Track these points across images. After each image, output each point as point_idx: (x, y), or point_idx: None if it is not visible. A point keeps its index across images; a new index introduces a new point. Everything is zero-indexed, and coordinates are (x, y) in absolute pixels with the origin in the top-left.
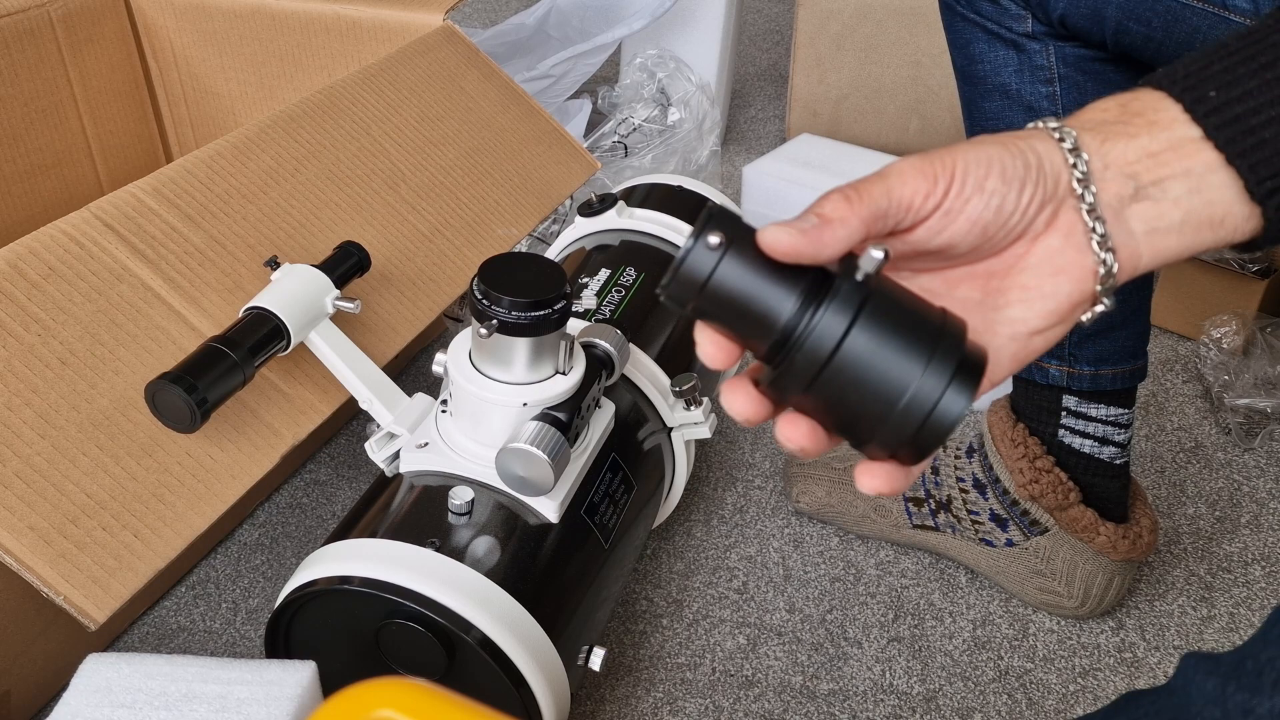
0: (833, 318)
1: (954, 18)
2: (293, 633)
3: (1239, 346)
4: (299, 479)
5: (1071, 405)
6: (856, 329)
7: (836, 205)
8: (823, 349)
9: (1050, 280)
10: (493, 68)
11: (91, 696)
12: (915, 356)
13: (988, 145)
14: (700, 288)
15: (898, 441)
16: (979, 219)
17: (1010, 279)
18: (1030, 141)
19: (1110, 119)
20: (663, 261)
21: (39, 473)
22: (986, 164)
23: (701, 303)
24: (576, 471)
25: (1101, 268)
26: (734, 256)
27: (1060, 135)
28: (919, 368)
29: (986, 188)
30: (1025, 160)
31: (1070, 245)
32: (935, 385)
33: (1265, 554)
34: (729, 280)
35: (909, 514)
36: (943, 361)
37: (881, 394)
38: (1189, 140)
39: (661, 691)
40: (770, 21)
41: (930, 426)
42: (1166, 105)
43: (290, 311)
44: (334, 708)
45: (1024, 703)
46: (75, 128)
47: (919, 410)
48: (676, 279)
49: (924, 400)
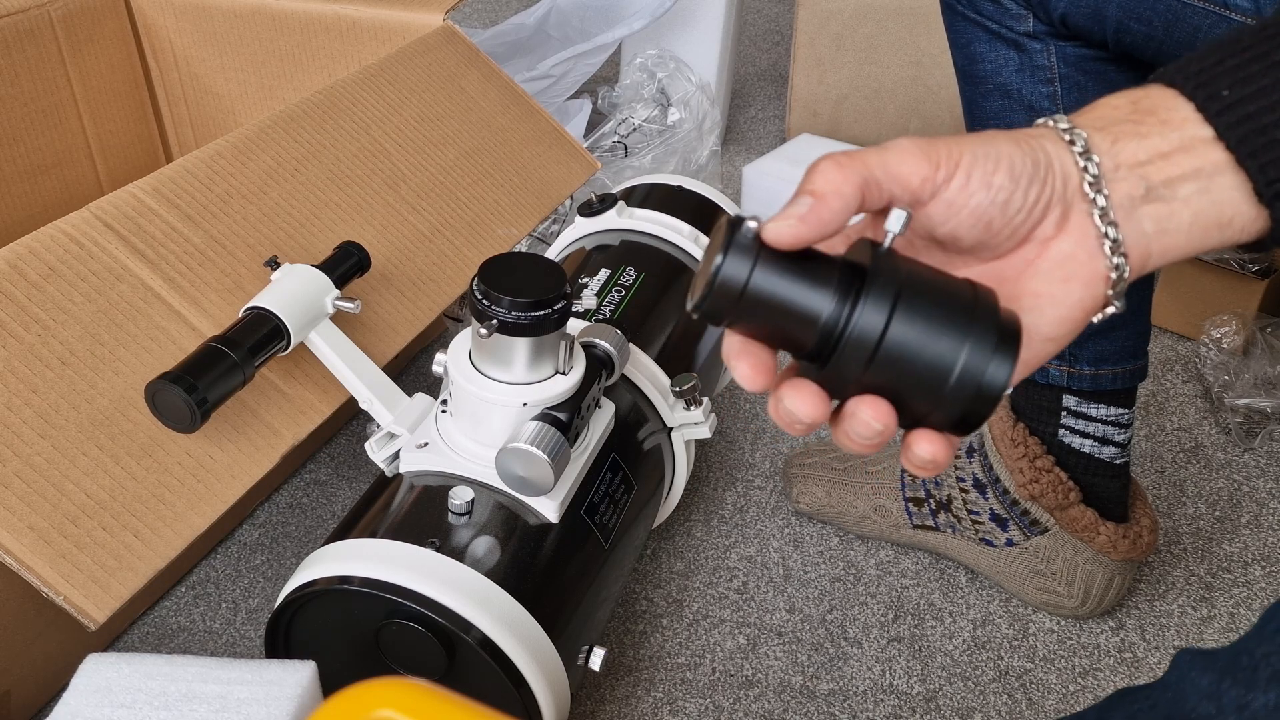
0: (875, 303)
1: (955, 17)
2: (293, 633)
3: (1239, 346)
4: (299, 479)
5: (1072, 405)
6: (898, 315)
7: (828, 174)
8: (870, 337)
9: (1061, 287)
10: (493, 68)
11: (91, 696)
12: (957, 332)
13: (998, 141)
14: (738, 298)
15: (952, 418)
16: (984, 214)
17: (1021, 285)
18: (1040, 141)
19: (1121, 116)
20: (663, 261)
21: (39, 473)
22: (995, 159)
23: (741, 311)
24: (576, 471)
25: (1114, 272)
26: (766, 260)
27: (1070, 137)
28: (963, 343)
29: (993, 183)
30: (1035, 159)
31: (1082, 250)
32: (982, 359)
33: (1265, 554)
34: (765, 285)
35: (909, 514)
36: (982, 334)
37: (933, 373)
38: (1200, 140)
39: (661, 691)
40: (770, 21)
41: (981, 399)
42: (1178, 104)
43: (290, 311)
44: (334, 708)
45: (1024, 703)
46: (75, 128)
47: (970, 385)
48: (714, 293)
49: (974, 374)
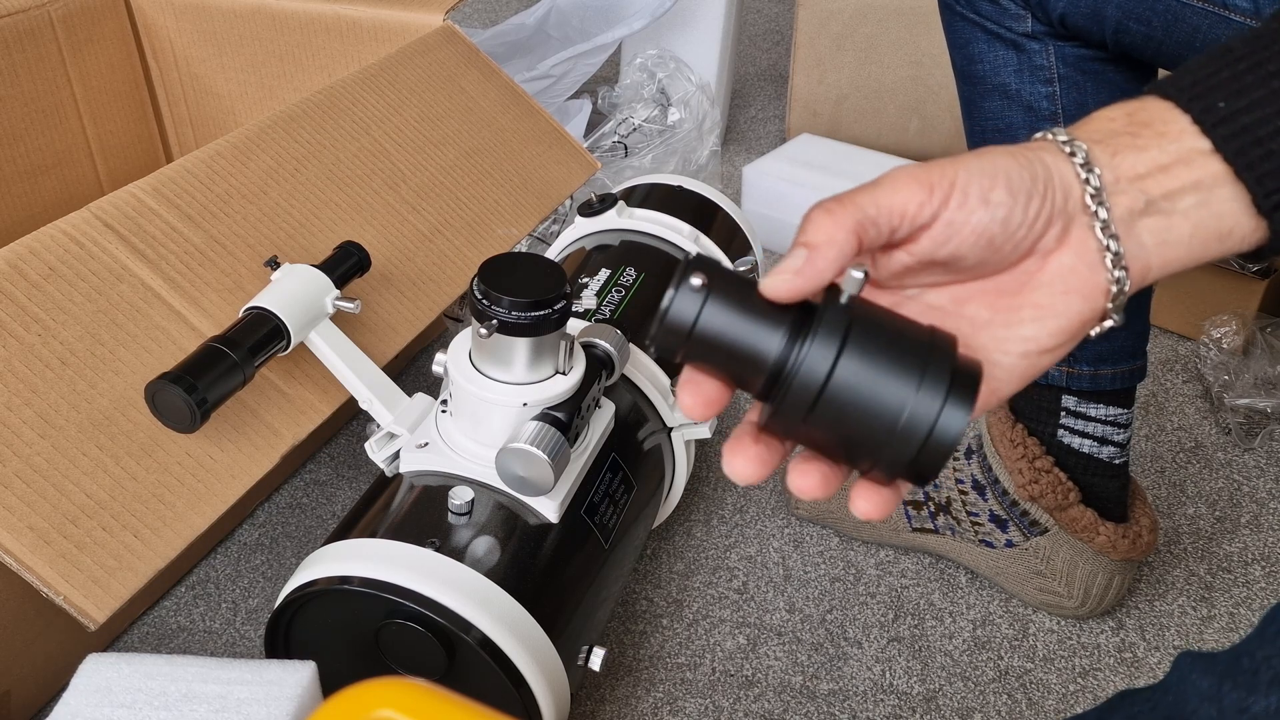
0: (821, 344)
1: (953, 17)
2: (293, 633)
3: (1239, 346)
4: (299, 479)
5: (1071, 405)
6: (845, 354)
7: (820, 224)
8: (815, 377)
9: (1062, 299)
10: (493, 68)
11: (91, 696)
12: (907, 376)
13: (995, 156)
14: (688, 334)
15: (900, 464)
16: (985, 231)
17: (1021, 297)
18: (1039, 154)
19: (1118, 129)
20: (663, 261)
21: (39, 473)
22: (992, 175)
23: (691, 349)
24: (576, 471)
25: (1114, 286)
26: (717, 299)
27: (1071, 149)
28: (912, 386)
29: (992, 199)
30: (1033, 172)
31: (1083, 263)
32: (931, 403)
33: (1265, 554)
34: (715, 323)
35: (908, 517)
36: (935, 378)
37: (879, 416)
38: (1198, 153)
39: (661, 691)
40: (770, 21)
41: (931, 446)
42: (1175, 116)
43: (290, 311)
44: (334, 708)
45: (1024, 703)
46: (75, 128)
47: (918, 430)
48: (663, 328)
49: (922, 419)
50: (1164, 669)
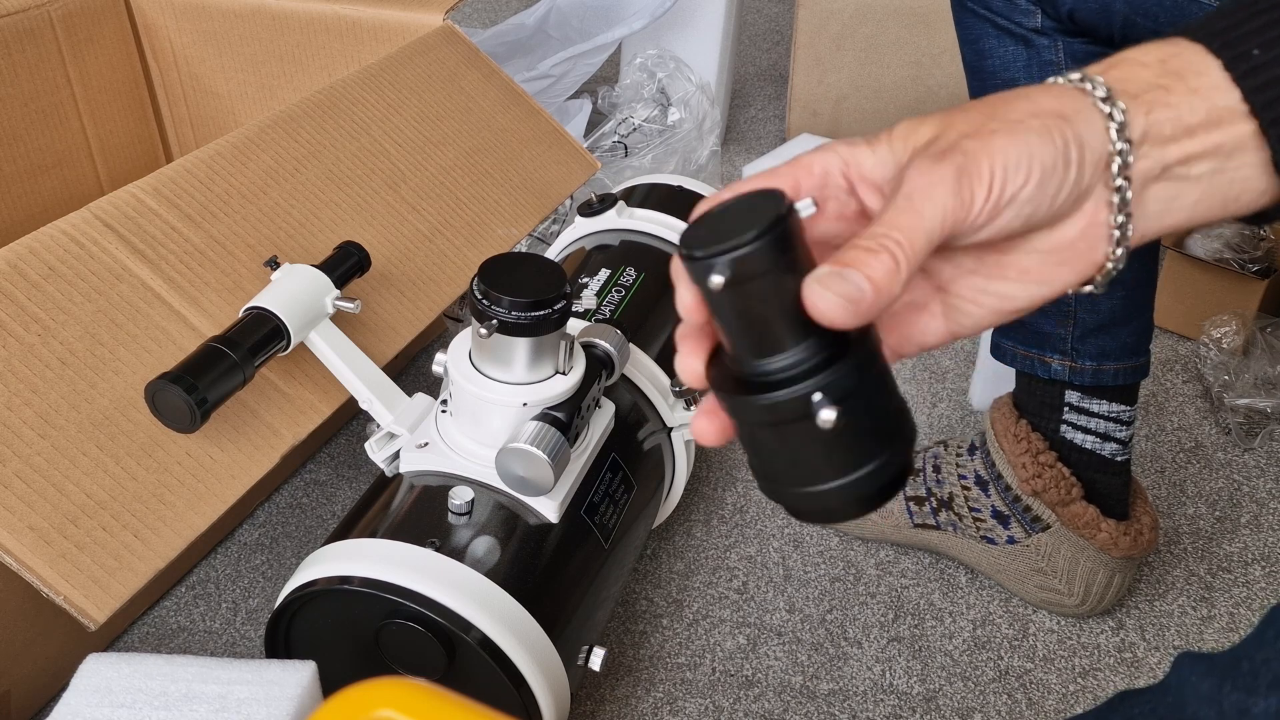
0: (813, 392)
1: (964, 12)
2: (293, 633)
3: (1239, 346)
4: (299, 479)
5: (1074, 401)
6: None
7: (888, 272)
8: (791, 412)
9: (1055, 270)
10: (493, 68)
11: (91, 696)
12: (857, 459)
13: (1027, 136)
14: (750, 277)
15: (786, 499)
16: (1006, 228)
17: (1011, 257)
18: (1075, 125)
19: (1151, 79)
20: (663, 261)
21: (39, 473)
22: (1026, 168)
23: (732, 289)
24: (576, 471)
25: (1110, 262)
26: (784, 266)
27: (1109, 109)
28: (849, 473)
29: (1021, 197)
30: (1066, 156)
31: (1084, 240)
32: (849, 493)
33: (1265, 554)
34: (764, 289)
35: (910, 513)
36: (871, 477)
37: (807, 472)
38: (1225, 110)
39: (661, 691)
40: (770, 21)
41: (822, 515)
42: (1207, 66)
43: (290, 311)
44: (334, 708)
45: (1024, 703)
46: (75, 128)
47: (825, 501)
48: (739, 260)
49: (831, 499)
50: (1164, 669)
